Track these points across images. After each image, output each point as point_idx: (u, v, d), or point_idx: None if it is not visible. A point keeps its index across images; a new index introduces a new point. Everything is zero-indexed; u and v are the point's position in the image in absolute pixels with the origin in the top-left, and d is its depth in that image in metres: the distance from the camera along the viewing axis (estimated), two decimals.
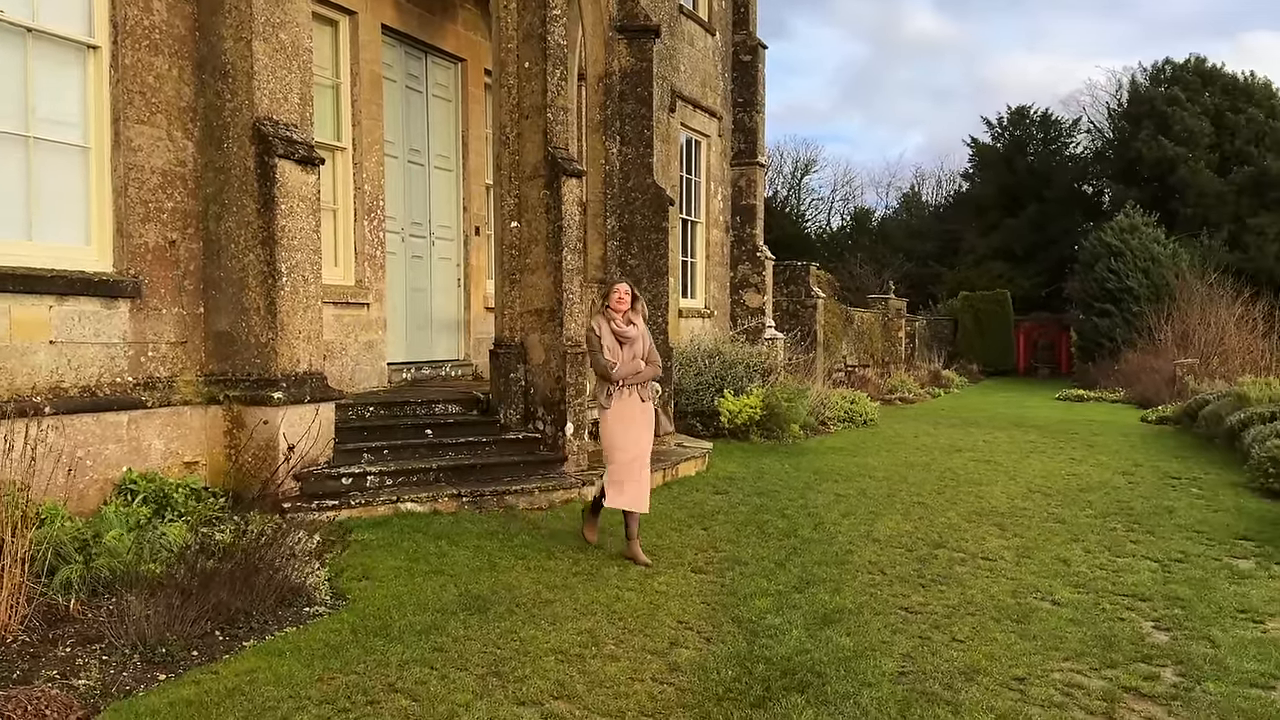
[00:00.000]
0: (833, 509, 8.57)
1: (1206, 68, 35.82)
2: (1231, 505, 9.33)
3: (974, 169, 42.72)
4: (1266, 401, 13.16)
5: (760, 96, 17.73)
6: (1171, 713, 4.33)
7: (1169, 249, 29.20)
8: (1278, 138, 33.06)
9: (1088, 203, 39.05)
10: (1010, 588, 6.24)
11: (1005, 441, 14.13)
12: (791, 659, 4.82)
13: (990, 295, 35.45)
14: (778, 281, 20.65)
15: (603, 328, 6.67)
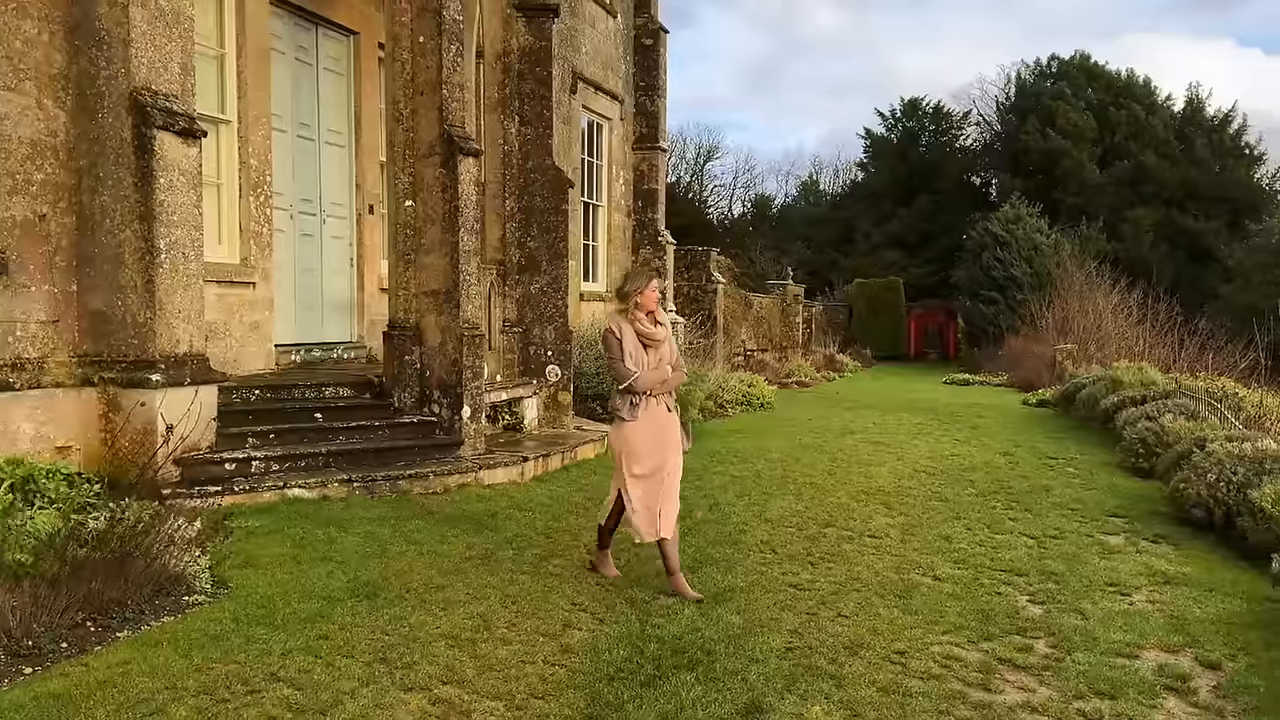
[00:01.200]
0: (728, 490, 8.69)
1: (1090, 65, 37.44)
2: (1104, 484, 9.81)
3: (869, 159, 43.76)
4: (1138, 386, 13.87)
5: (662, 81, 17.75)
6: (1044, 682, 4.53)
7: (1051, 239, 30.48)
8: (1155, 134, 34.78)
9: (976, 193, 40.44)
10: (895, 564, 6.44)
11: (894, 424, 14.54)
12: (683, 638, 4.87)
13: (884, 282, 36.43)
14: (679, 266, 20.78)
15: (625, 330, 5.65)
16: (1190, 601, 5.81)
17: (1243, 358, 17.61)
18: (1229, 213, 33.15)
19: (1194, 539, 7.47)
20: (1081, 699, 4.32)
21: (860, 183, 44.78)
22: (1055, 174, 35.22)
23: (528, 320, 10.41)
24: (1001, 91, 40.35)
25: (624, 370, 5.62)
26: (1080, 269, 25.90)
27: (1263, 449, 7.92)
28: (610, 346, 5.70)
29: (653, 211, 17.68)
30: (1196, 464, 8.22)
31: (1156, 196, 33.73)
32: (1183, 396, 12.12)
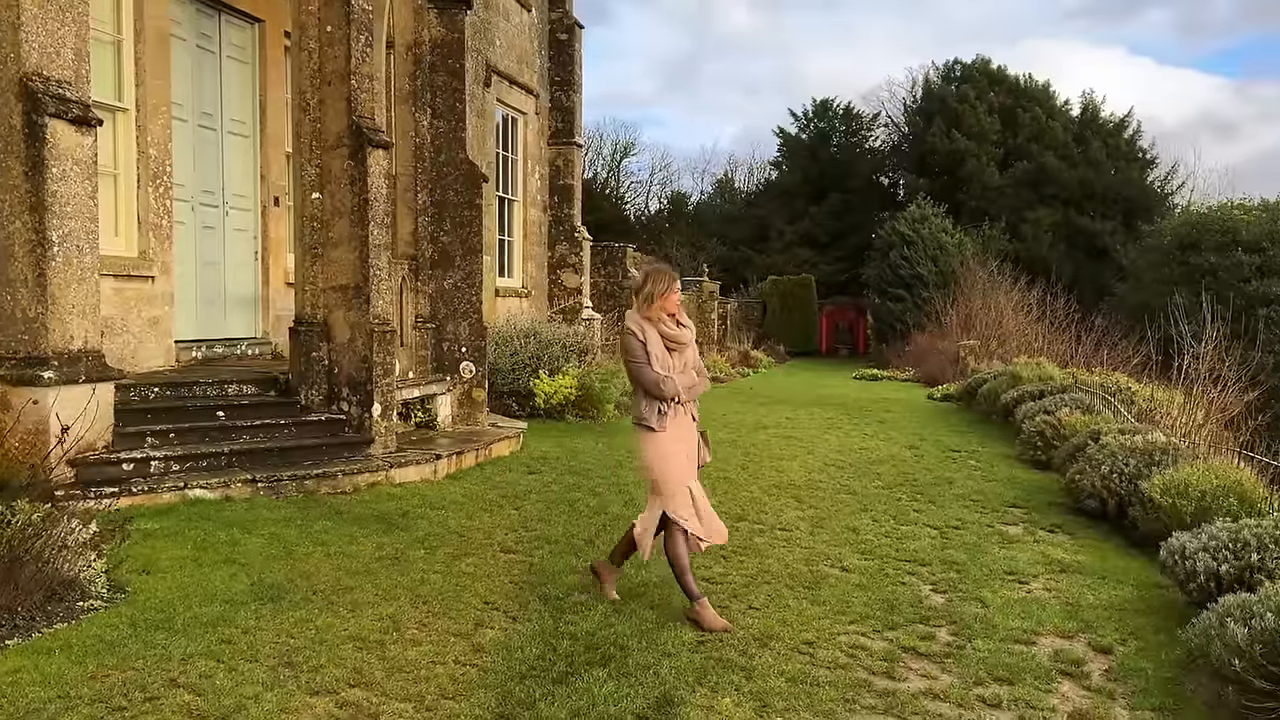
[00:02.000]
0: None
1: (993, 69, 38.59)
2: (1004, 476, 10.16)
3: (782, 158, 44.37)
4: (1036, 381, 14.38)
5: (578, 76, 17.71)
6: (946, 670, 4.67)
7: (956, 238, 31.38)
8: (1055, 137, 36.02)
9: (885, 193, 41.37)
10: (804, 556, 6.56)
11: (805, 419, 14.80)
12: (596, 634, 4.88)
13: (796, 280, 37.01)
14: (596, 262, 20.77)
15: (648, 332, 5.18)
16: (1084, 589, 6.05)
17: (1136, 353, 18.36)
18: (1124, 214, 34.57)
19: (1089, 528, 7.79)
20: (981, 685, 4.46)
21: (774, 181, 45.37)
22: (959, 175, 36.24)
23: (441, 316, 10.27)
24: (909, 94, 41.38)
25: (653, 374, 5.12)
26: (983, 268, 26.70)
27: (1152, 441, 8.29)
28: (632, 350, 5.18)
29: (569, 207, 17.64)
30: (1091, 456, 8.55)
31: (1056, 197, 34.97)
32: (1078, 391, 12.60)
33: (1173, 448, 7.97)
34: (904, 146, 41.05)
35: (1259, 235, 24.87)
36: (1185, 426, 11.17)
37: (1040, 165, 35.07)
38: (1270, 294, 23.42)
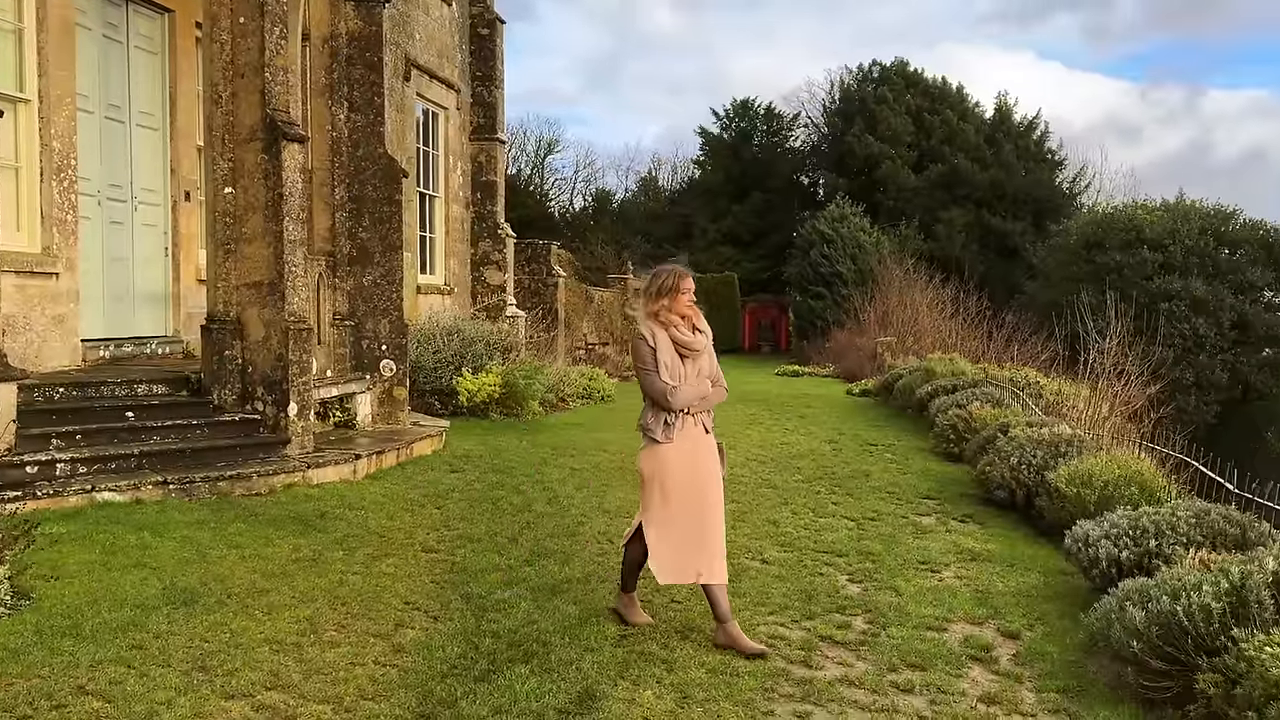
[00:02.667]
0: (567, 483, 8.73)
1: (908, 71, 39.45)
2: (919, 468, 10.42)
3: (705, 157, 44.69)
4: (950, 376, 14.77)
5: (499, 71, 17.59)
6: (861, 657, 4.79)
7: (874, 237, 32.03)
8: (967, 139, 37.00)
9: (805, 193, 42.00)
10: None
11: (728, 415, 14.93)
12: (519, 631, 4.88)
13: (720, 277, 37.35)
14: (520, 259, 20.66)
15: (659, 337, 4.84)
16: (994, 576, 6.25)
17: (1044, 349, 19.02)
18: (1033, 214, 35.67)
19: (998, 518, 8.05)
20: (895, 671, 4.59)
21: (697, 180, 45.67)
22: (876, 176, 37.00)
23: (360, 313, 10.12)
24: (828, 95, 42.04)
25: (660, 383, 4.78)
26: (900, 266, 27.31)
27: (1058, 433, 8.59)
28: (642, 355, 4.85)
29: (492, 204, 17.51)
30: (1000, 448, 8.84)
31: (968, 198, 35.93)
32: (989, 385, 12.99)
33: (1077, 440, 8.28)
34: (824, 147, 41.71)
35: (1161, 234, 25.94)
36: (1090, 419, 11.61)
37: (953, 167, 36.00)
38: (1171, 290, 24.45)
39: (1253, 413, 24.41)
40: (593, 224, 45.52)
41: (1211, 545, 5.22)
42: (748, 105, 43.29)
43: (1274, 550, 4.59)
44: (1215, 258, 25.09)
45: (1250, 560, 4.45)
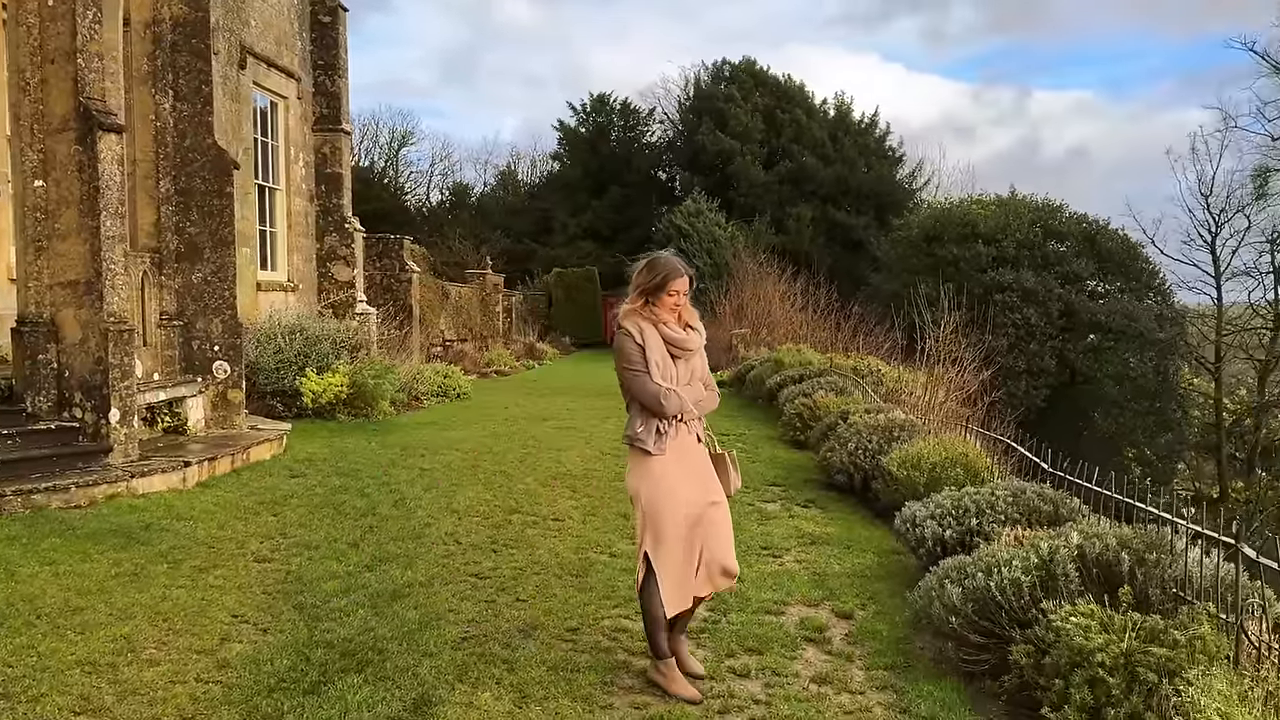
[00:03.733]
0: (415, 484, 8.54)
1: (757, 70, 40.43)
2: (767, 456, 10.69)
3: (563, 151, 44.66)
4: (797, 366, 15.22)
5: (343, 60, 17.03)
6: (701, 645, 4.85)
7: (728, 232, 32.72)
8: (813, 137, 38.19)
9: (663, 188, 42.51)
10: (575, 545, 6.63)
11: (586, 409, 14.98)
12: (354, 639, 4.73)
13: (581, 272, 37.41)
14: (370, 255, 20.11)
15: (648, 335, 4.26)
16: (831, 559, 6.46)
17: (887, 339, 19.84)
18: (876, 209, 37.16)
19: (838, 502, 8.33)
20: (733, 657, 4.67)
21: (556, 174, 45.58)
22: (729, 172, 37.79)
23: (190, 313, 9.62)
24: (682, 92, 42.65)
25: (654, 386, 4.19)
26: (753, 260, 27.96)
27: (893, 419, 8.96)
28: (629, 356, 4.25)
29: (338, 196, 16.95)
30: (840, 435, 9.15)
31: (815, 194, 37.12)
32: (834, 375, 13.44)
33: (910, 425, 8.66)
34: (679, 143, 42.30)
35: (994, 228, 27.40)
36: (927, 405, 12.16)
37: (801, 164, 37.12)
38: (1004, 282, 25.86)
39: (1079, 395, 26.09)
40: (451, 218, 44.81)
41: (1028, 522, 5.53)
42: (604, 100, 43.47)
43: (1080, 525, 4.90)
44: (1044, 250, 26.67)
45: (1058, 535, 4.72)
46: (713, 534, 4.28)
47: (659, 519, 4.19)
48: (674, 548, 4.18)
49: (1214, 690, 3.27)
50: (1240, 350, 29.75)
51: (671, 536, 4.18)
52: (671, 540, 4.18)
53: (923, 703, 4.17)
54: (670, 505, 4.19)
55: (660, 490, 4.20)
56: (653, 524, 4.20)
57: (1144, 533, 4.55)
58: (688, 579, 4.22)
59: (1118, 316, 25.75)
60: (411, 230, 35.64)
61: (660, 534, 4.18)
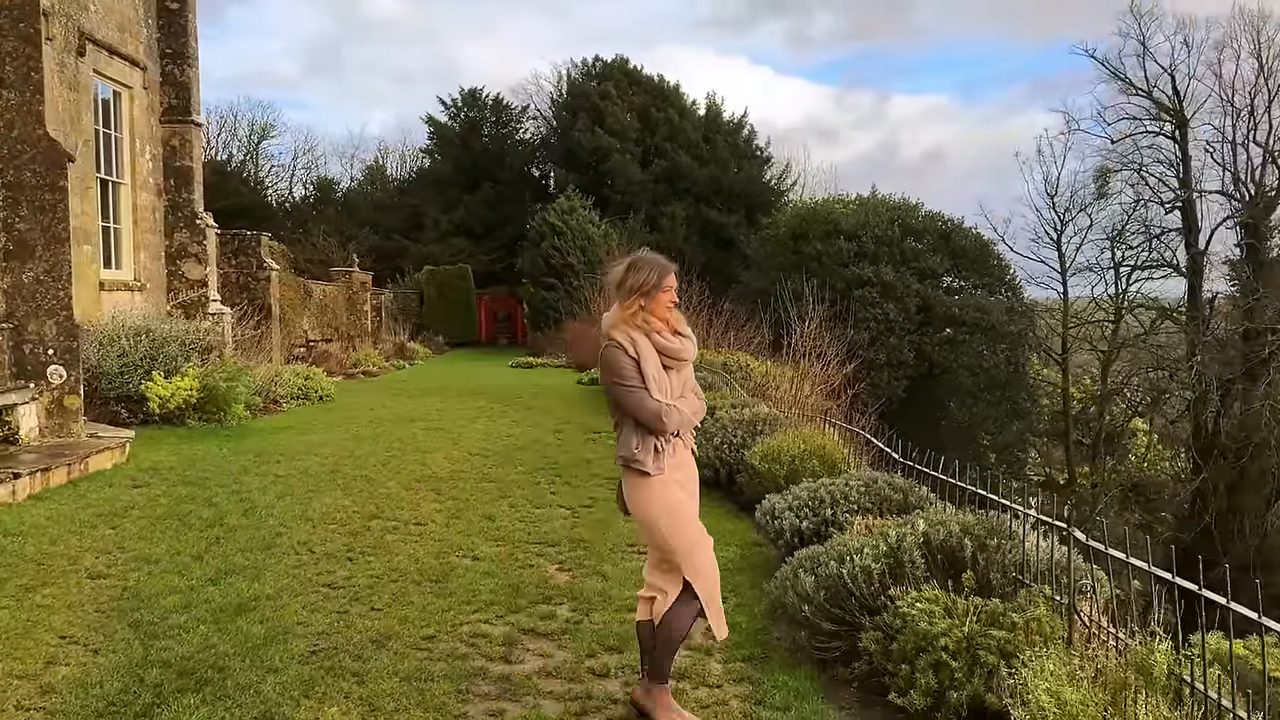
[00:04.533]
0: (269, 491, 8.19)
1: (631, 69, 40.56)
2: None
3: (434, 147, 43.83)
4: None
5: (193, 49, 16.21)
6: (561, 646, 4.79)
7: (602, 230, 32.72)
8: (687, 137, 38.56)
9: (536, 185, 42.22)
10: (436, 549, 6.48)
11: (456, 409, 14.72)
12: (193, 657, 4.48)
13: (453, 269, 36.79)
14: (226, 252, 19.28)
15: (642, 346, 3.90)
16: None
17: (756, 334, 20.23)
18: (746, 208, 37.79)
19: (705, 496, 8.21)
20: (593, 657, 4.63)
21: (426, 169, 44.68)
22: (604, 170, 37.80)
23: (21, 314, 8.97)
24: (555, 88, 42.43)
25: (653, 403, 3.83)
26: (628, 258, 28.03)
27: (757, 413, 9.10)
28: (621, 369, 3.87)
29: (189, 191, 16.13)
30: (707, 429, 9.21)
31: (689, 192, 37.51)
32: (705, 370, 13.57)
33: (773, 419, 8.81)
34: (553, 140, 42.07)
35: (855, 226, 28.25)
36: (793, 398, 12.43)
37: (675, 163, 37.45)
38: (864, 277, 26.69)
39: (936, 386, 27.19)
40: (315, 214, 43.42)
41: (879, 512, 5.69)
42: (476, 95, 42.87)
43: (927, 513, 5.05)
44: (902, 247, 27.66)
45: (906, 524, 4.86)
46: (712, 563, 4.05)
47: (693, 548, 3.91)
48: (711, 570, 3.96)
49: (1045, 670, 3.41)
50: (1085, 342, 31.61)
51: (708, 561, 3.96)
52: (708, 565, 3.95)
53: (778, 693, 4.22)
54: (694, 528, 3.96)
55: (680, 515, 3.93)
56: (682, 546, 3.90)
57: (985, 519, 4.73)
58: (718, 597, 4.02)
59: (971, 311, 26.94)
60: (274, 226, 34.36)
61: (689, 552, 3.91)
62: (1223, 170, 28.68)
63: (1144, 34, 29.73)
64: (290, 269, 26.55)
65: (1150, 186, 29.86)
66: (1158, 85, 29.62)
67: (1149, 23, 29.73)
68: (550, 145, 42.23)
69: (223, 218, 19.61)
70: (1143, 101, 30.02)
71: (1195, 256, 28.76)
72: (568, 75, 41.43)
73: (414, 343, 30.66)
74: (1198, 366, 26.78)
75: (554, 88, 42.51)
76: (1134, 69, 29.97)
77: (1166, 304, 30.20)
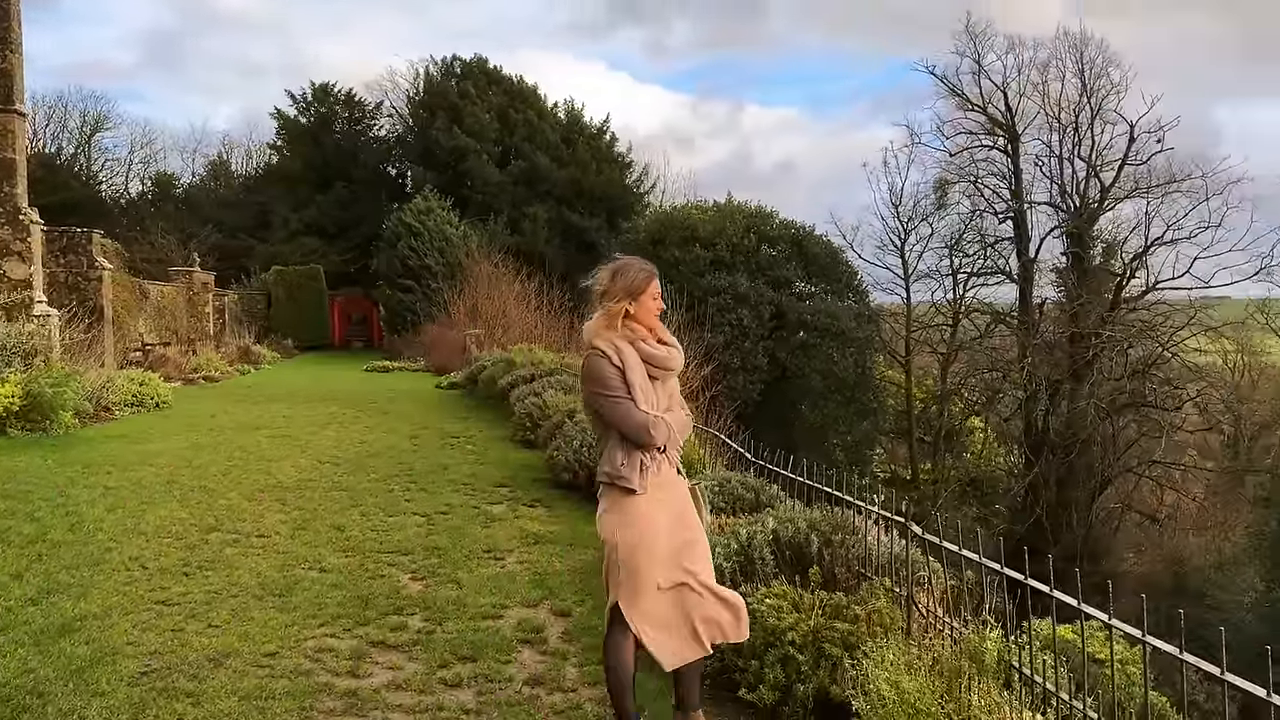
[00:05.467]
0: (98, 504, 7.68)
1: (490, 69, 40.18)
2: (497, 458, 10.58)
3: (283, 142, 42.26)
4: (529, 365, 15.22)
5: (16, 34, 15.10)
6: (413, 658, 4.67)
7: (461, 231, 32.25)
8: (546, 138, 38.45)
9: (392, 184, 41.28)
10: (280, 562, 6.21)
11: (306, 415, 14.20)
12: (10, 683, 4.16)
13: (304, 270, 35.55)
14: (54, 250, 18.06)
15: (627, 354, 3.60)
16: (554, 557, 6.46)
17: None
18: (607, 211, 37.99)
19: (564, 500, 8.37)
20: (445, 667, 4.53)
21: (275, 166, 43.05)
22: (463, 169, 37.29)
23: None
24: (412, 86, 41.58)
25: (640, 415, 3.54)
26: (488, 260, 27.75)
27: None
28: (606, 378, 3.58)
29: (10, 185, 15.02)
30: (566, 433, 9.22)
31: (549, 195, 37.42)
32: (564, 374, 13.55)
33: None
34: (409, 138, 41.22)
35: (712, 233, 28.82)
36: None
37: (535, 164, 37.29)
38: (720, 285, 27.24)
39: (789, 389, 28.01)
40: (154, 210, 41.21)
41: (733, 510, 5.80)
42: (328, 90, 41.58)
43: (777, 511, 5.18)
44: (757, 255, 28.38)
45: (756, 522, 4.97)
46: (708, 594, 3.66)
47: (636, 575, 3.57)
48: (663, 605, 3.61)
49: (886, 660, 3.54)
50: (926, 345, 33.13)
51: (646, 591, 3.59)
52: (647, 595, 3.58)
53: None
54: (650, 561, 3.57)
55: (642, 544, 3.57)
56: (630, 579, 3.58)
57: (832, 515, 4.88)
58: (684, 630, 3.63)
59: (822, 316, 27.88)
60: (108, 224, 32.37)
61: (635, 589, 3.57)
62: (1050, 183, 30.64)
63: (979, 53, 31.43)
64: (125, 269, 25.07)
65: (985, 197, 31.58)
66: (992, 102, 31.37)
67: (983, 42, 31.46)
68: (407, 143, 41.36)
69: (51, 214, 18.36)
70: (978, 117, 31.73)
71: (1026, 264, 30.57)
72: (425, 73, 40.70)
73: (261, 346, 29.46)
74: (1028, 368, 28.48)
75: (411, 85, 41.71)
76: (970, 86, 31.65)
77: (1000, 309, 31.99)
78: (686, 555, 3.65)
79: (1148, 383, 28.02)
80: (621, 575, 3.59)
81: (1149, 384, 28.01)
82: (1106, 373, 27.97)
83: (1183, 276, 28.09)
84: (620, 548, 3.58)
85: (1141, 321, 28.69)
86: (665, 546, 3.61)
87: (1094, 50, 30.20)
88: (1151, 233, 28.56)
